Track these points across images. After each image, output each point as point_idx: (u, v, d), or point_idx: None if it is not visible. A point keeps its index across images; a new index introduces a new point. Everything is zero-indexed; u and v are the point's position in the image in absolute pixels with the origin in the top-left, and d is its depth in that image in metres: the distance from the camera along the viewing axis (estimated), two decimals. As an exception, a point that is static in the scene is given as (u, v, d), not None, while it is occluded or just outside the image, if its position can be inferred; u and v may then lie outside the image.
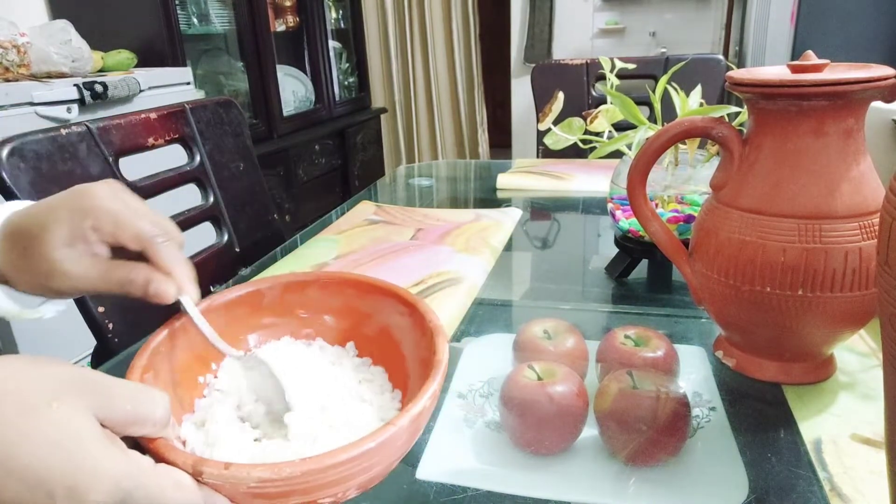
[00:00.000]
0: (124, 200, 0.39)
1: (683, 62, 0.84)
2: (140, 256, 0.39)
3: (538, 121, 0.87)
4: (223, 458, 0.34)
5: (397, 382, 0.44)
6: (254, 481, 0.29)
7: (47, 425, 0.26)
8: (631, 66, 0.86)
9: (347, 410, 0.39)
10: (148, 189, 0.85)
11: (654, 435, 0.43)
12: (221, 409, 0.39)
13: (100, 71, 1.81)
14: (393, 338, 0.45)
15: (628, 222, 0.74)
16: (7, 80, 1.49)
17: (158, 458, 0.30)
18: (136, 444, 0.31)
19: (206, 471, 0.29)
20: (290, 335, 0.47)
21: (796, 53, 2.22)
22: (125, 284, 0.39)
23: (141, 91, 1.68)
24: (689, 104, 0.72)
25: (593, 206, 1.09)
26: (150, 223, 0.39)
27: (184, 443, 0.37)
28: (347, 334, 0.47)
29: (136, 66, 1.91)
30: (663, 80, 0.72)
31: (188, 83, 1.89)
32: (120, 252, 0.39)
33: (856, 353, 0.57)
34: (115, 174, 0.80)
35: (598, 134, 0.78)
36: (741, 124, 0.65)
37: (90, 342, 0.72)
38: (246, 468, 0.29)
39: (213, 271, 0.92)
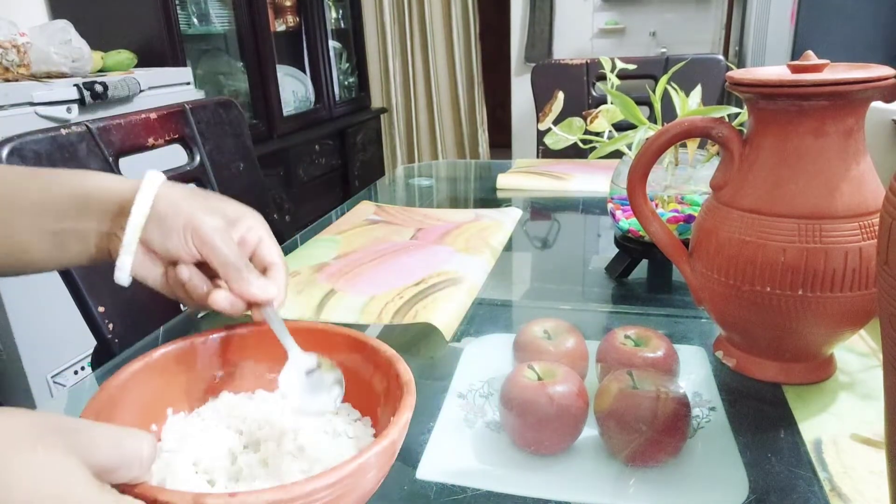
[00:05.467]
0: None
1: (683, 62, 0.84)
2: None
3: (538, 121, 0.87)
4: None
5: (363, 408, 0.44)
6: None
7: (36, 470, 0.24)
8: (631, 66, 0.86)
9: (323, 448, 0.38)
10: (148, 189, 0.85)
11: (654, 435, 0.43)
12: (180, 466, 0.37)
13: (100, 71, 1.81)
14: (345, 367, 0.44)
15: (628, 222, 0.74)
16: (7, 80, 1.49)
17: (151, 501, 0.28)
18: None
19: (210, 502, 0.28)
20: (229, 390, 0.46)
21: (796, 53, 2.22)
22: (183, 296, 0.44)
23: (141, 91, 1.68)
24: (689, 104, 0.72)
25: (593, 206, 1.09)
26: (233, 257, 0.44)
27: None
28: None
29: (136, 66, 1.91)
30: (663, 80, 0.72)
31: (188, 83, 1.89)
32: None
33: (856, 353, 0.57)
34: (115, 174, 0.80)
35: (598, 134, 0.78)
36: (741, 124, 0.65)
37: (90, 342, 0.72)
38: (253, 494, 0.28)
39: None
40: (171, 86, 1.82)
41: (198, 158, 0.94)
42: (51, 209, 0.44)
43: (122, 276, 0.44)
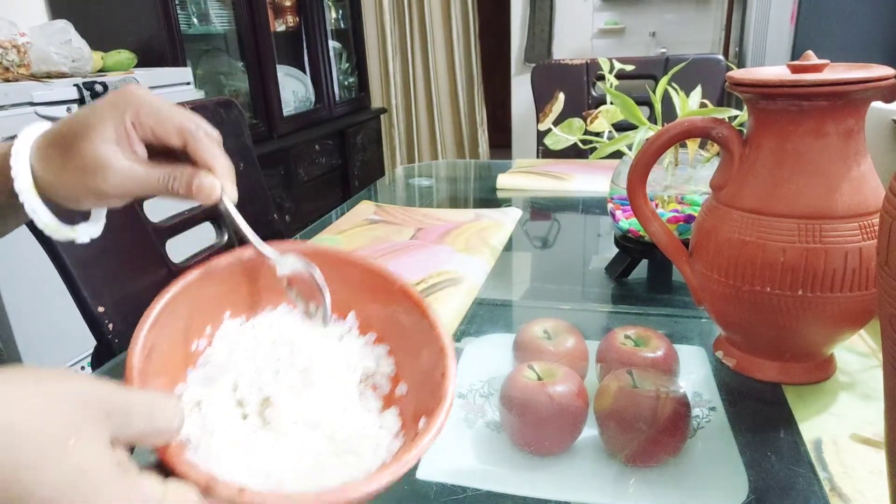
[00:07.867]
0: (161, 99, 0.40)
1: (683, 62, 0.84)
2: (177, 160, 0.40)
3: (538, 121, 0.87)
4: (219, 448, 0.34)
5: (402, 371, 0.42)
6: None
7: (65, 468, 0.25)
8: (629, 67, 0.86)
9: (348, 424, 0.38)
10: (148, 189, 0.84)
11: (654, 435, 0.43)
12: (219, 390, 0.37)
13: (100, 71, 1.81)
14: (399, 325, 0.42)
15: (628, 222, 0.74)
16: (7, 80, 1.49)
17: (170, 470, 0.30)
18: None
19: (220, 491, 0.29)
20: (288, 303, 0.44)
21: (796, 53, 2.22)
22: (169, 181, 0.39)
23: (141, 91, 1.68)
24: (689, 104, 0.72)
25: (593, 206, 1.09)
26: (188, 119, 0.39)
27: None
28: (348, 304, 0.44)
29: (136, 66, 1.91)
30: (663, 80, 0.72)
31: (188, 83, 1.89)
32: (157, 156, 0.40)
33: (856, 353, 0.57)
34: None
35: (598, 134, 0.78)
36: (741, 125, 0.65)
37: (90, 342, 0.72)
38: (259, 497, 0.29)
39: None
40: (171, 86, 1.82)
41: (198, 158, 0.94)
42: None
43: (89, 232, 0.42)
